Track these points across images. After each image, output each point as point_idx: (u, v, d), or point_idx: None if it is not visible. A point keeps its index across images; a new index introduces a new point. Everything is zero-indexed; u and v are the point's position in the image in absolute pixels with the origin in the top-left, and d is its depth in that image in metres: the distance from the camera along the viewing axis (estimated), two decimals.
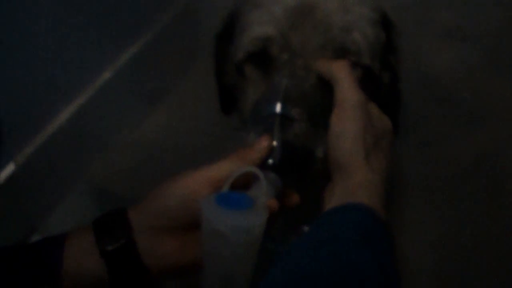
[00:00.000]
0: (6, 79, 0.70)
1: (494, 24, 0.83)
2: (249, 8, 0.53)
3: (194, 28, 1.03)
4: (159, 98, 1.00)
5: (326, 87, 0.47)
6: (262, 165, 0.44)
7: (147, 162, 0.89)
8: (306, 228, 0.40)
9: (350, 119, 0.43)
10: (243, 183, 0.42)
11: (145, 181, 0.55)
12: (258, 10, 0.52)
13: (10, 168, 0.74)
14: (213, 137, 0.82)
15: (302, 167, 0.45)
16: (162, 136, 0.93)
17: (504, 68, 0.84)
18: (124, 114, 0.94)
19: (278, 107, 0.45)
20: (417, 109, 0.79)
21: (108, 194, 0.85)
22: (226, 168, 0.42)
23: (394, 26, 0.56)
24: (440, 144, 0.81)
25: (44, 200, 0.81)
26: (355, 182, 0.41)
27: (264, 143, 0.44)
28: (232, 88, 0.59)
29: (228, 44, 0.58)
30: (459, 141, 0.81)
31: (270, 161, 0.44)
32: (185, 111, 0.96)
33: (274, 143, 0.44)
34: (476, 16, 0.83)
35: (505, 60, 0.83)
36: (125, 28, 0.89)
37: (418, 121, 0.80)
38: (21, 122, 0.74)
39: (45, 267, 0.40)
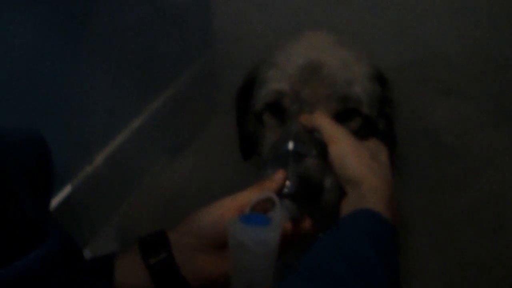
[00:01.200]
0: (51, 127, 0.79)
1: (489, 82, 0.90)
2: (266, 67, 0.63)
3: (212, 85, 1.14)
4: (181, 148, 1.09)
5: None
6: (279, 194, 0.51)
7: (169, 206, 0.95)
8: (322, 235, 0.48)
9: (343, 142, 0.52)
10: (263, 208, 0.50)
11: (166, 223, 0.59)
12: (273, 68, 0.61)
13: None
14: (232, 182, 0.90)
15: (313, 195, 0.53)
16: (183, 183, 1.00)
17: (499, 123, 0.90)
18: (150, 162, 1.02)
19: (291, 145, 0.54)
20: (418, 158, 0.86)
21: (132, 234, 0.91)
22: (248, 196, 0.50)
23: (388, 81, 0.65)
24: (442, 191, 0.86)
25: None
26: (363, 189, 0.49)
27: (280, 175, 0.52)
28: (251, 135, 0.67)
29: (247, 98, 0.67)
30: (460, 188, 0.86)
31: (286, 190, 0.52)
32: (205, 160, 1.04)
33: (289, 176, 0.52)
34: (472, 74, 0.90)
35: (500, 116, 0.89)
36: (151, 83, 1.00)
37: (419, 168, 0.86)
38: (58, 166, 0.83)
39: (101, 279, 0.47)
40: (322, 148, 0.54)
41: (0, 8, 0.65)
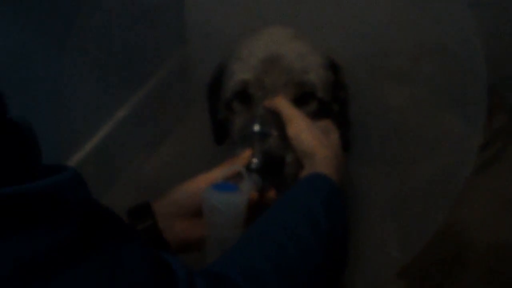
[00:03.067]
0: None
1: (437, 68, 0.97)
2: (232, 61, 0.71)
3: (187, 79, 1.19)
4: (160, 140, 1.14)
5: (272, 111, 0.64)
6: (247, 168, 0.60)
7: (150, 196, 1.02)
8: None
9: (298, 123, 0.61)
10: (233, 182, 0.59)
11: None
12: (239, 62, 0.70)
13: None
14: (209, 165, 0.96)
15: (276, 169, 0.61)
16: (163, 173, 1.05)
17: (449, 104, 0.98)
18: (130, 154, 1.09)
19: (256, 127, 0.63)
20: (373, 138, 0.93)
21: None
22: (220, 171, 0.59)
23: (340, 69, 0.74)
24: (397, 167, 0.93)
25: None
26: (316, 159, 0.58)
27: (247, 153, 0.61)
28: (223, 121, 0.76)
29: (217, 89, 0.75)
30: (415, 164, 0.94)
31: (253, 165, 0.60)
32: (183, 151, 1.09)
33: (255, 153, 0.61)
34: (422, 61, 0.98)
35: (450, 98, 0.97)
36: (129, 79, 1.04)
37: (376, 147, 0.93)
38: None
39: None
40: (283, 129, 0.63)
41: None
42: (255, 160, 0.61)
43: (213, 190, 0.54)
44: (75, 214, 0.35)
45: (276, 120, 0.64)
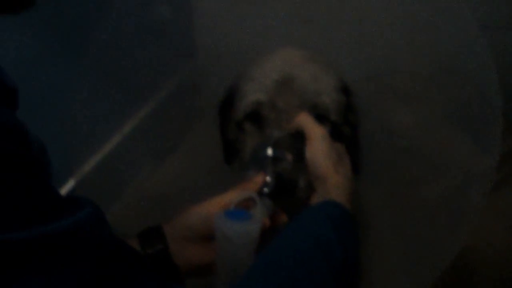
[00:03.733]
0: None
1: (443, 88, 0.97)
2: (245, 81, 0.71)
3: (195, 94, 1.20)
4: (166, 153, 1.14)
5: (302, 134, 0.64)
6: (259, 193, 0.60)
7: (155, 209, 0.98)
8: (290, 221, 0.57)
9: (318, 144, 0.61)
10: (245, 206, 0.58)
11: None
12: (252, 82, 0.69)
13: None
14: (215, 184, 0.96)
15: (288, 194, 0.61)
16: (169, 186, 1.04)
17: (454, 125, 0.97)
18: (137, 167, 1.08)
19: (269, 151, 0.62)
20: (380, 159, 0.92)
21: (120, 235, 0.96)
22: (233, 195, 0.58)
23: (352, 92, 0.74)
24: (402, 188, 0.92)
25: None
26: (329, 185, 0.58)
27: (260, 177, 0.60)
28: (233, 141, 0.75)
29: (229, 108, 0.74)
30: (420, 185, 0.93)
31: (266, 189, 0.60)
32: (189, 164, 1.08)
33: (268, 178, 0.61)
34: (428, 81, 0.98)
35: (455, 119, 0.96)
36: (138, 92, 1.04)
37: (382, 168, 0.93)
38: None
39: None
40: (297, 152, 0.62)
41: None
42: (267, 185, 0.61)
43: (225, 218, 0.54)
44: (95, 252, 0.35)
45: (292, 141, 0.63)
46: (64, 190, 0.95)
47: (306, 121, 0.63)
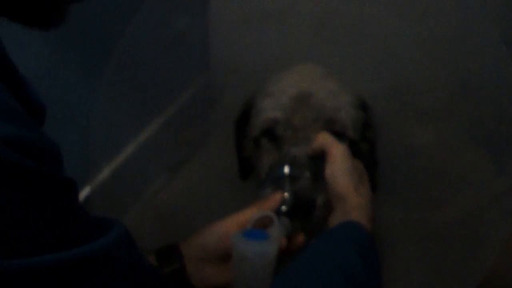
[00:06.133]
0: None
1: (462, 106, 0.95)
2: (261, 97, 0.70)
3: (209, 107, 1.20)
4: (180, 166, 1.14)
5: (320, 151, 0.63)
6: (277, 212, 0.58)
7: (168, 222, 0.99)
8: (312, 242, 0.55)
9: (339, 162, 0.59)
10: (262, 225, 0.57)
11: (164, 237, 0.63)
12: (268, 98, 0.69)
13: None
14: (228, 199, 0.95)
15: (306, 213, 0.60)
16: (182, 199, 1.04)
17: (473, 144, 0.95)
18: (150, 179, 1.08)
19: (286, 169, 0.61)
20: (398, 178, 0.91)
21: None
22: (249, 214, 0.57)
23: (370, 109, 0.72)
24: (421, 208, 0.90)
25: None
26: (350, 205, 0.56)
27: (277, 196, 0.59)
28: (249, 158, 0.74)
29: (245, 124, 0.74)
30: (439, 205, 0.91)
31: (283, 208, 0.59)
32: (203, 178, 1.08)
33: (286, 194, 0.60)
34: (447, 99, 0.96)
35: (474, 137, 0.94)
36: (153, 104, 1.05)
37: (400, 187, 0.91)
38: None
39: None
40: (315, 169, 0.61)
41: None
42: (284, 203, 0.60)
43: (243, 238, 0.53)
44: (127, 274, 0.34)
45: (310, 159, 0.62)
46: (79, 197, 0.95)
47: (326, 139, 0.62)
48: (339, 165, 0.59)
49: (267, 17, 0.91)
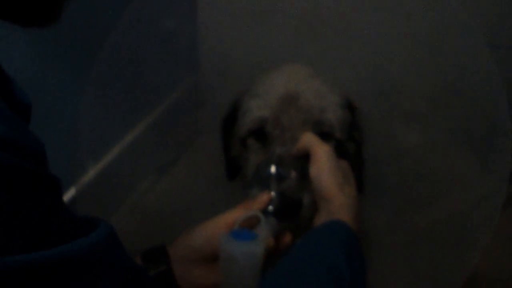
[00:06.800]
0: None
1: (450, 109, 0.96)
2: (248, 98, 0.70)
3: (197, 108, 1.20)
4: (167, 167, 1.14)
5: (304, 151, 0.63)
6: (264, 212, 0.58)
7: (155, 222, 0.98)
8: (298, 241, 0.55)
9: (324, 163, 0.59)
10: (250, 225, 0.57)
11: (151, 238, 0.63)
12: (256, 98, 0.69)
13: None
14: (216, 199, 0.95)
15: (293, 212, 0.60)
16: (169, 200, 1.04)
17: (460, 146, 0.96)
18: (137, 180, 1.08)
19: (273, 169, 0.61)
20: (385, 179, 0.91)
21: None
22: (236, 214, 0.57)
23: (357, 109, 0.73)
24: (407, 209, 0.91)
25: None
26: (334, 205, 0.57)
27: (264, 196, 0.59)
28: (236, 158, 0.74)
29: (232, 125, 0.73)
30: (425, 207, 0.91)
31: (270, 207, 0.59)
32: (190, 179, 1.08)
33: (272, 193, 0.60)
34: (434, 101, 0.97)
35: (461, 140, 0.95)
36: (140, 105, 1.05)
37: (387, 188, 0.91)
38: None
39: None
40: (301, 169, 0.61)
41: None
42: (271, 203, 0.60)
43: (230, 238, 0.53)
44: (112, 273, 0.34)
45: (296, 158, 0.62)
46: (65, 198, 0.94)
47: (310, 140, 0.62)
48: (323, 165, 0.59)
49: (255, 18, 0.91)
